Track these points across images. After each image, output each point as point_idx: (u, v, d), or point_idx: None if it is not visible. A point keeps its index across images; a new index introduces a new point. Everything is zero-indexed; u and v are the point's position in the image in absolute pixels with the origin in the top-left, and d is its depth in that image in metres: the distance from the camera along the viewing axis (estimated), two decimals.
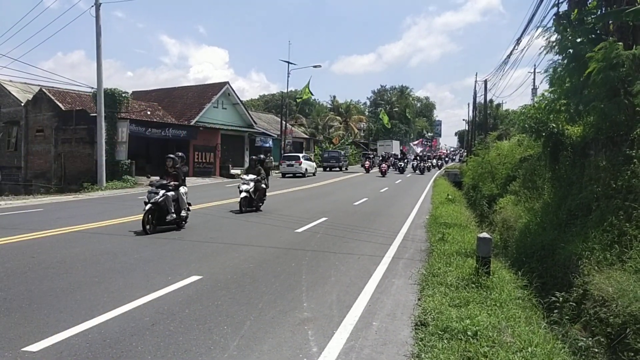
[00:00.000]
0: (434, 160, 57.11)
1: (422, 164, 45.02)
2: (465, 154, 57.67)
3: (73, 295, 6.27)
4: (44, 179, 30.11)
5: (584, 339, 5.87)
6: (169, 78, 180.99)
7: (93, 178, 25.30)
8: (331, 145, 60.62)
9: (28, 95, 31.87)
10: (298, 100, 51.09)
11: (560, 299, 6.77)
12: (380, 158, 45.01)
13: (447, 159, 76.25)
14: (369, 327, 5.49)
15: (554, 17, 10.09)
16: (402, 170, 45.03)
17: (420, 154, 56.10)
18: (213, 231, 11.54)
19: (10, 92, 32.58)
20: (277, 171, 39.36)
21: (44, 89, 30.61)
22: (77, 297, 6.20)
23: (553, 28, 9.98)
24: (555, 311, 6.66)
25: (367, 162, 45.17)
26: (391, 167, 46.60)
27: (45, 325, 5.20)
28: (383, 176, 38.04)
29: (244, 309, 5.92)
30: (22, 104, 31.59)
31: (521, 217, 12.56)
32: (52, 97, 30.30)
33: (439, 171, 49.24)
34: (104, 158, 25.01)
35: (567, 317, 6.37)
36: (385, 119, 71.20)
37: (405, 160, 49.97)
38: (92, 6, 24.42)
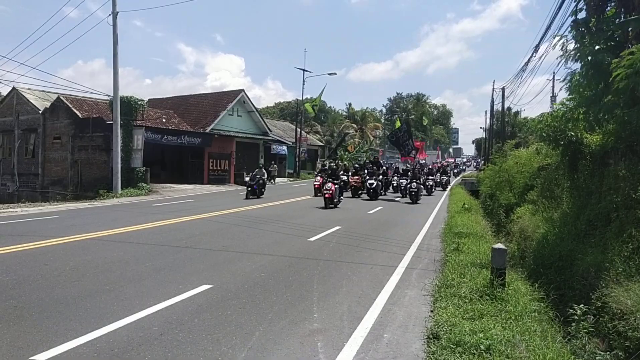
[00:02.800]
0: (437, 176, 36.07)
1: (413, 183, 24.74)
2: (482, 162, 56.31)
3: (83, 304, 6.26)
4: (60, 185, 30.44)
5: (602, 353, 5.69)
6: (187, 86, 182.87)
7: (108, 185, 25.51)
8: (346, 153, 60.45)
9: (46, 103, 32.33)
10: (309, 112, 49.37)
11: (578, 311, 6.59)
12: (341, 172, 27.09)
13: (456, 169, 60.97)
14: (380, 340, 5.39)
15: (572, 24, 9.93)
16: (374, 194, 25.13)
17: (407, 166, 34.74)
18: (226, 239, 11.50)
19: (28, 100, 33.08)
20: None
21: (61, 97, 31.02)
22: (88, 306, 6.18)
23: (570, 35, 9.83)
24: (573, 324, 6.48)
25: (318, 177, 25.84)
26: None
27: (54, 333, 5.18)
28: (326, 207, 19.71)
29: (254, 319, 5.85)
30: (40, 112, 32.05)
31: (539, 227, 12.33)
32: (70, 105, 30.67)
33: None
34: (119, 165, 25.22)
35: (584, 330, 6.20)
36: (398, 125, 70.87)
37: (383, 176, 28.62)
38: (110, 15, 24.74)
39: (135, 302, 6.36)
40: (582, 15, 10.11)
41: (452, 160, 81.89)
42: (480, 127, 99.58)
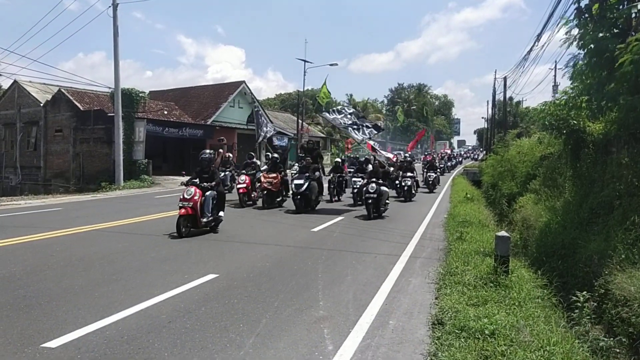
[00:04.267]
0: (424, 173, 26.52)
1: (371, 183, 14.53)
2: (482, 153, 55.62)
3: (91, 293, 6.32)
4: (62, 178, 30.49)
5: (605, 339, 5.75)
6: (188, 78, 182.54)
7: (111, 177, 25.57)
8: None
9: (47, 96, 32.30)
10: (322, 101, 47.92)
11: (581, 298, 6.65)
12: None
13: (450, 163, 50.08)
14: (386, 326, 5.44)
15: (574, 11, 9.93)
16: (305, 203, 15.30)
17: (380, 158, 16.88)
18: (230, 229, 11.56)
19: (29, 93, 33.07)
20: None
21: (62, 90, 31.00)
22: (95, 295, 6.24)
23: (575, 22, 9.83)
24: (576, 311, 6.55)
25: (243, 176, 16.79)
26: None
27: (63, 322, 5.24)
28: (180, 234, 10.30)
29: (260, 307, 5.91)
30: (41, 105, 32.03)
31: (541, 215, 12.39)
32: (71, 98, 30.67)
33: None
34: (121, 158, 25.27)
35: (587, 317, 6.26)
36: (401, 117, 70.17)
37: (335, 173, 19.42)
38: (110, 6, 24.67)
39: (143, 291, 6.42)
40: (585, 2, 10.11)
41: (448, 151, 67.73)
42: (482, 117, 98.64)
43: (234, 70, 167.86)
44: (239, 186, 16.39)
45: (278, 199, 16.56)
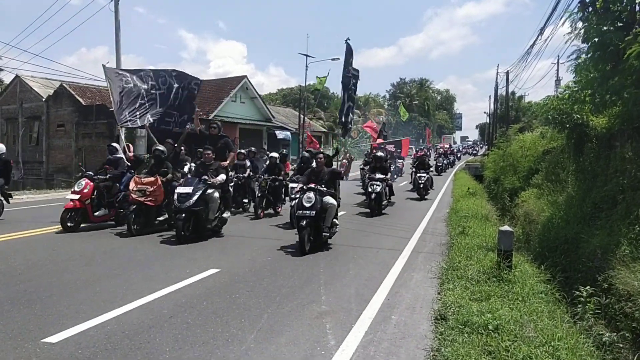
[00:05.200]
0: (412, 172, 22.37)
1: (308, 192, 8.97)
2: (483, 147, 54.98)
3: (93, 288, 6.30)
4: (65, 173, 30.48)
5: (609, 334, 5.72)
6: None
7: None
8: (349, 139, 60.09)
9: (49, 91, 32.25)
10: (312, 90, 47.79)
11: (585, 293, 6.61)
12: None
13: (445, 161, 41.49)
14: (388, 321, 5.42)
15: (578, 4, 9.85)
16: (193, 225, 9.55)
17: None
18: (231, 225, 11.50)
19: (31, 88, 33.02)
20: None
21: (64, 84, 30.95)
22: (97, 289, 6.22)
23: (578, 15, 9.76)
24: (579, 306, 6.51)
25: (83, 182, 10.80)
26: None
27: (64, 316, 5.22)
28: None
29: (262, 302, 5.88)
30: (44, 99, 31.99)
31: (544, 210, 12.33)
32: (73, 92, 30.62)
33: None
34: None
35: (591, 312, 6.22)
36: (402, 111, 69.92)
37: (267, 173, 14.13)
38: (111, 1, 24.56)
39: (144, 285, 6.40)
40: None
41: (447, 145, 58.36)
42: (484, 112, 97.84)
43: (236, 65, 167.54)
44: (68, 197, 10.77)
45: (160, 218, 10.62)
